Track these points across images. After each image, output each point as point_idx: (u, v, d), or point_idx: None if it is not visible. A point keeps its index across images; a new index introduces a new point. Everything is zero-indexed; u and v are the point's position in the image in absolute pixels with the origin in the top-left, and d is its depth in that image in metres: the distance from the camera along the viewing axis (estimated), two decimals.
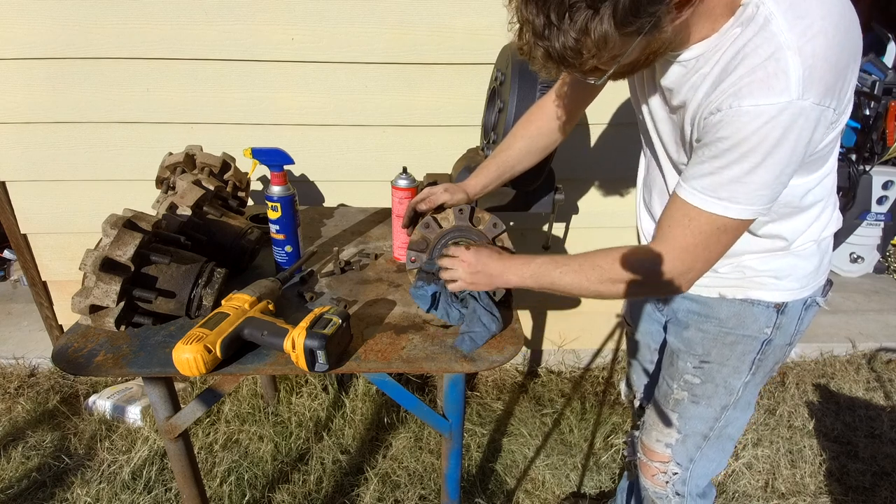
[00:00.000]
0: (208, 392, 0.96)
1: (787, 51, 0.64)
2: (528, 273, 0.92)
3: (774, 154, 0.67)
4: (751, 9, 0.68)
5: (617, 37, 0.63)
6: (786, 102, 0.64)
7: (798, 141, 0.67)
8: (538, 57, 0.68)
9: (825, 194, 0.87)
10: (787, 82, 0.64)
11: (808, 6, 0.66)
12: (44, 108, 1.64)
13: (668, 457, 1.09)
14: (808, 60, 0.64)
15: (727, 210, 0.73)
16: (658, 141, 0.91)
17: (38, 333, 2.19)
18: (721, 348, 0.98)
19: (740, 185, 0.71)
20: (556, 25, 0.63)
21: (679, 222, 0.78)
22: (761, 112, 0.65)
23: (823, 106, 0.66)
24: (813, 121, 0.66)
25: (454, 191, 1.11)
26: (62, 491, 1.59)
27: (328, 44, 1.59)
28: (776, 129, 0.66)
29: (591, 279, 0.86)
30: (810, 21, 0.65)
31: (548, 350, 2.27)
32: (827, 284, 0.99)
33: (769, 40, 0.66)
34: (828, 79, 0.65)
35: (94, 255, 0.90)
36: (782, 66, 0.64)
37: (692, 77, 0.76)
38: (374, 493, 1.62)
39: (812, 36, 0.64)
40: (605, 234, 2.00)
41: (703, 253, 0.78)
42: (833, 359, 2.38)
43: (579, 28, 0.62)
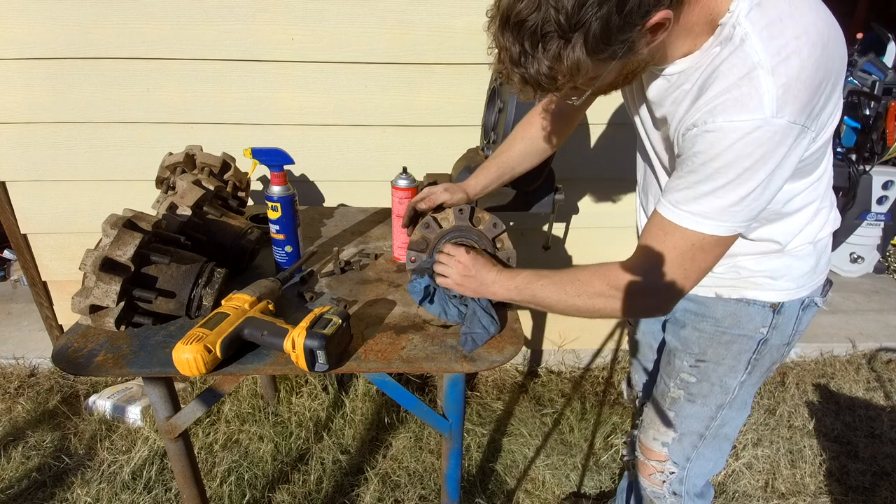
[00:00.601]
0: (208, 392, 0.96)
1: (760, 70, 0.65)
2: (513, 286, 0.93)
3: (751, 171, 0.68)
4: (728, 28, 0.69)
5: (590, 63, 0.66)
6: (760, 119, 0.65)
7: (772, 159, 0.68)
8: (515, 81, 0.71)
9: (816, 197, 0.87)
10: (761, 101, 0.65)
11: (783, 26, 0.66)
12: (44, 108, 1.64)
13: (664, 456, 1.09)
14: (781, 79, 0.65)
15: (700, 225, 0.73)
16: (651, 148, 0.93)
17: (38, 333, 2.19)
18: (717, 347, 0.98)
19: (714, 200, 0.71)
20: (530, 54, 0.66)
21: (655, 236, 0.78)
22: (735, 128, 0.66)
23: (799, 125, 0.67)
24: (790, 139, 0.67)
25: (454, 191, 1.12)
26: (62, 491, 1.59)
27: (328, 44, 1.59)
28: (750, 146, 0.67)
29: (569, 293, 0.86)
30: (784, 41, 0.65)
31: (548, 350, 2.27)
32: (826, 284, 0.98)
33: (744, 60, 0.66)
34: (803, 98, 0.66)
35: (94, 255, 0.90)
36: (755, 84, 0.65)
37: (674, 92, 0.77)
38: (374, 493, 1.62)
39: (787, 56, 0.65)
40: (605, 234, 2.01)
41: (679, 271, 0.77)
42: (833, 359, 2.38)
43: (552, 56, 0.65)
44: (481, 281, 0.96)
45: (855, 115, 2.75)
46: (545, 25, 0.63)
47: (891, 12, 4.54)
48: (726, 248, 0.77)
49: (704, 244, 0.75)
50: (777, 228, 0.88)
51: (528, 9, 0.63)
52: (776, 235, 0.88)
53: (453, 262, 0.98)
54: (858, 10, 4.71)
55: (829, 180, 0.90)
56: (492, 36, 0.70)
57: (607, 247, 2.03)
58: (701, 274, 0.78)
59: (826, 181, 0.88)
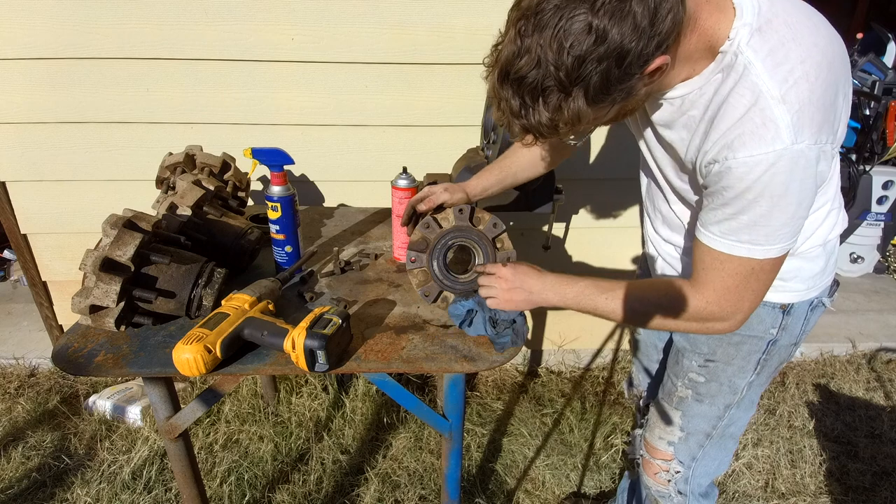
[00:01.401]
0: (208, 392, 0.96)
1: (769, 100, 0.65)
2: (570, 294, 0.90)
3: (785, 197, 0.68)
4: (729, 56, 0.69)
5: (590, 112, 0.66)
6: (781, 149, 0.65)
7: (804, 181, 0.68)
8: (516, 130, 0.72)
9: (826, 200, 0.87)
10: (777, 131, 0.65)
11: (786, 51, 0.66)
12: (44, 108, 1.64)
13: (670, 455, 1.09)
14: (793, 107, 0.65)
15: (752, 252, 0.74)
16: (656, 167, 0.93)
17: (38, 333, 2.19)
18: (726, 348, 0.98)
19: (759, 228, 0.72)
20: (531, 106, 0.66)
21: (711, 266, 0.78)
22: (759, 161, 0.66)
23: (820, 144, 0.67)
24: (813, 159, 0.67)
25: (454, 190, 1.12)
26: (62, 491, 1.59)
27: (328, 44, 1.59)
28: (778, 175, 0.67)
29: (637, 312, 0.85)
30: (790, 66, 0.65)
31: (548, 350, 2.27)
32: (833, 285, 0.98)
33: (751, 90, 0.66)
34: (818, 119, 0.66)
35: (94, 255, 0.90)
36: (768, 115, 0.65)
37: (682, 117, 0.77)
38: (374, 493, 1.62)
39: (794, 82, 0.65)
40: (605, 234, 2.01)
41: (747, 293, 0.78)
42: (833, 359, 2.38)
43: (553, 108, 0.65)
44: (529, 290, 0.93)
45: (855, 115, 2.75)
46: (545, 81, 0.63)
47: (891, 12, 4.54)
48: (782, 263, 0.78)
49: (761, 267, 0.75)
50: None
51: (528, 66, 0.63)
52: None
53: (494, 279, 0.96)
54: (858, 10, 4.70)
55: (838, 182, 0.90)
56: (490, 85, 0.70)
57: (607, 247, 2.03)
58: (767, 289, 0.80)
59: (835, 184, 0.88)
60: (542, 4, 0.60)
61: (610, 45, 0.60)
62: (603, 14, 0.58)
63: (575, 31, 0.59)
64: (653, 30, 0.60)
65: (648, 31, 0.60)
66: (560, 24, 0.60)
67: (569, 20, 0.59)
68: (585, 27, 0.59)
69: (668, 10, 0.61)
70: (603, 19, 0.59)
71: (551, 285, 0.92)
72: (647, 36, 0.60)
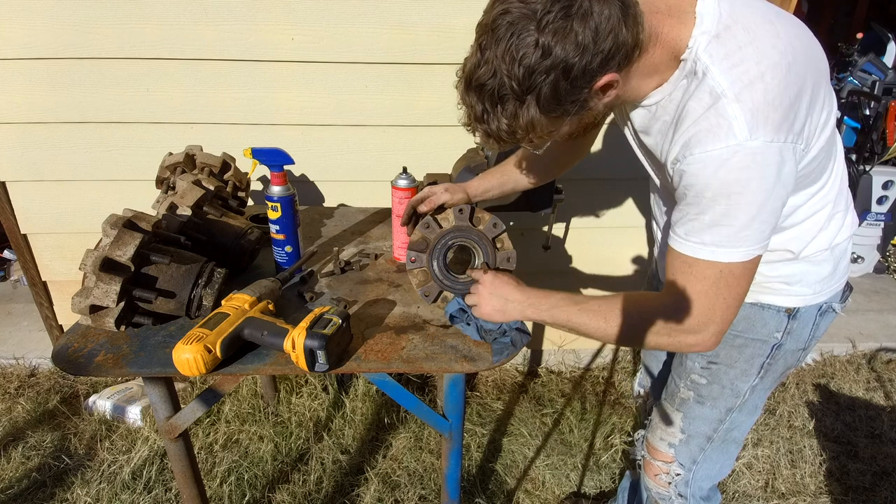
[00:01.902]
0: (208, 392, 0.96)
1: (724, 99, 0.68)
2: (545, 307, 0.90)
3: (743, 195, 0.70)
4: (690, 64, 0.72)
5: (544, 120, 0.72)
6: (735, 145, 0.67)
7: (763, 180, 0.69)
8: (479, 135, 0.78)
9: (825, 204, 0.86)
10: (730, 127, 0.67)
11: (742, 54, 0.69)
12: (44, 108, 1.64)
13: (670, 457, 1.09)
14: (747, 105, 0.67)
15: (716, 254, 0.74)
16: (650, 170, 0.94)
17: (38, 333, 2.19)
18: (730, 350, 0.97)
19: (720, 228, 0.73)
20: (490, 112, 0.73)
21: (679, 270, 0.78)
22: (713, 157, 0.69)
23: (778, 142, 0.68)
24: (775, 156, 0.68)
25: (454, 191, 1.12)
26: (62, 491, 1.59)
27: (328, 44, 1.59)
28: (733, 172, 0.69)
29: (610, 324, 0.84)
30: (745, 68, 0.68)
31: (548, 350, 2.27)
32: (846, 290, 0.97)
33: (709, 92, 0.70)
34: (774, 117, 0.67)
35: (94, 255, 0.90)
36: (722, 113, 0.68)
37: (656, 123, 0.81)
38: (374, 493, 1.62)
39: (749, 82, 0.67)
40: (605, 234, 2.01)
41: (718, 302, 0.77)
42: (833, 359, 2.38)
43: (510, 114, 0.72)
44: (506, 299, 0.93)
45: (855, 115, 2.75)
46: (501, 89, 0.70)
47: (891, 12, 4.54)
48: (754, 270, 0.77)
49: (733, 270, 0.75)
50: (787, 238, 0.87)
51: (486, 75, 0.70)
52: (788, 244, 0.87)
53: (476, 286, 0.98)
54: (858, 10, 4.71)
55: (841, 185, 0.89)
56: (459, 93, 0.77)
57: (607, 247, 2.03)
58: (739, 300, 0.78)
59: (836, 187, 0.87)
60: (497, 21, 0.67)
61: (555, 59, 0.66)
62: (548, 32, 0.65)
63: (524, 45, 0.66)
64: (595, 48, 0.66)
65: (591, 49, 0.66)
66: (512, 39, 0.66)
67: (519, 36, 0.66)
68: (533, 42, 0.65)
69: (609, 31, 0.66)
70: (547, 36, 0.65)
71: (529, 299, 0.92)
72: (590, 53, 0.66)
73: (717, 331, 0.79)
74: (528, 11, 0.65)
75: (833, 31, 4.85)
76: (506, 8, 0.66)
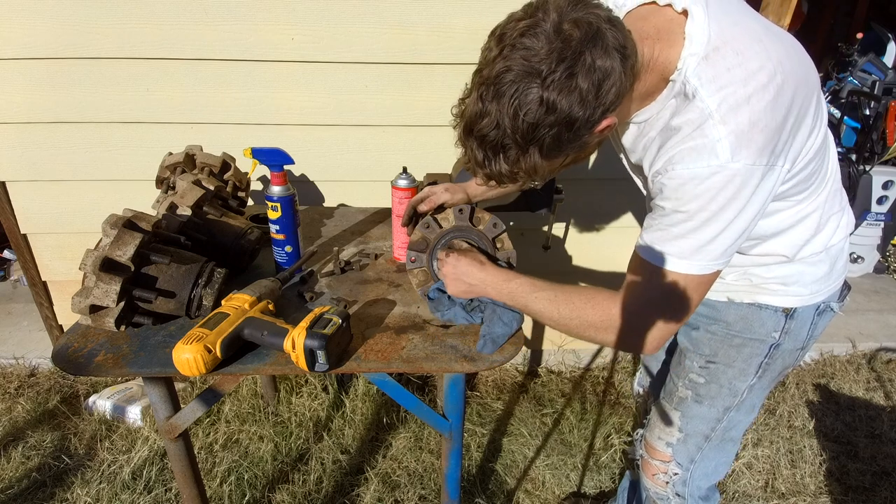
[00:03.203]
0: (208, 392, 0.96)
1: (710, 121, 0.69)
2: (505, 290, 0.94)
3: (718, 212, 0.71)
4: (679, 84, 0.73)
5: (545, 164, 0.74)
6: (717, 166, 0.69)
7: (738, 199, 0.70)
8: (480, 176, 0.80)
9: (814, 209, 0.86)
10: (714, 149, 0.69)
11: (730, 76, 0.69)
12: (44, 108, 1.64)
13: (668, 456, 1.09)
14: (731, 127, 0.68)
15: (675, 265, 0.76)
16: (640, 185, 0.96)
17: (38, 333, 2.19)
18: (728, 350, 0.98)
19: (684, 241, 0.74)
20: (492, 159, 0.74)
21: (638, 273, 0.80)
22: (694, 175, 0.70)
23: (760, 165, 0.69)
24: (754, 179, 0.70)
25: (455, 191, 1.12)
26: (62, 491, 1.59)
27: (328, 44, 1.59)
28: (711, 190, 0.70)
29: (563, 314, 0.87)
30: (732, 90, 0.69)
31: (548, 350, 2.27)
32: (844, 289, 0.98)
33: (696, 113, 0.71)
34: (759, 140, 0.68)
35: (94, 255, 0.90)
36: (707, 134, 0.69)
37: (643, 140, 0.82)
38: (374, 493, 1.62)
39: (735, 105, 0.68)
40: (605, 234, 2.01)
41: (666, 308, 0.79)
42: (833, 359, 2.38)
43: (512, 161, 0.73)
44: (469, 282, 0.97)
45: (855, 115, 2.75)
46: (504, 140, 0.71)
47: (891, 12, 4.54)
48: (708, 286, 0.79)
49: (688, 282, 0.77)
50: (779, 243, 0.88)
51: (488, 127, 0.70)
52: (780, 250, 0.88)
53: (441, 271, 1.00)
54: (858, 10, 4.71)
55: (834, 187, 0.89)
56: (458, 135, 0.78)
57: (607, 247, 2.03)
58: (688, 311, 0.80)
59: (827, 191, 0.87)
60: (500, 77, 0.67)
61: (559, 114, 0.67)
62: (553, 89, 0.65)
63: (528, 101, 0.66)
64: (597, 101, 0.67)
65: (594, 103, 0.67)
66: (516, 94, 0.67)
67: (523, 92, 0.66)
68: (537, 98, 0.66)
69: (612, 85, 0.67)
70: (552, 93, 0.65)
71: (491, 280, 0.95)
72: (592, 106, 0.67)
73: (659, 336, 0.81)
74: (532, 69, 0.65)
75: (833, 31, 4.85)
76: (508, 66, 0.66)
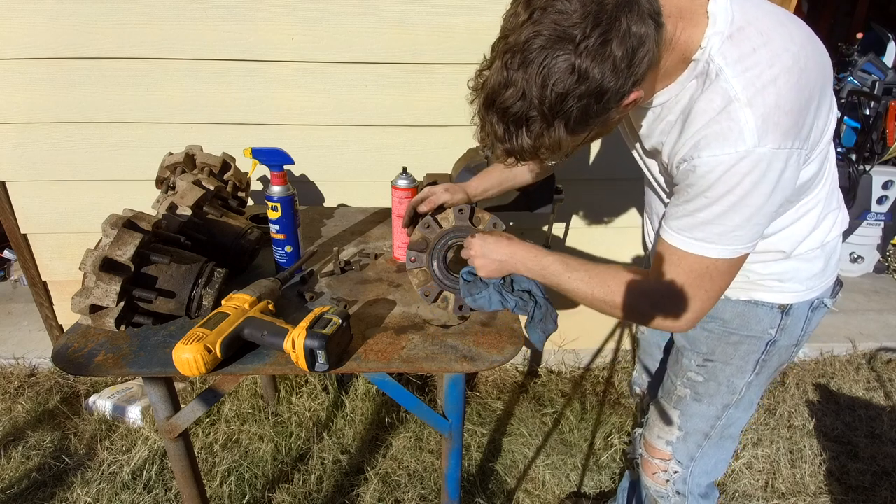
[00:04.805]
0: (208, 392, 0.96)
1: (736, 103, 0.67)
2: (536, 268, 0.93)
3: (745, 198, 0.70)
4: (702, 64, 0.71)
5: (569, 139, 0.70)
6: (744, 151, 0.67)
7: (764, 184, 0.69)
8: (498, 152, 0.76)
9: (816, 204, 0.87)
10: (741, 133, 0.67)
11: (756, 58, 0.68)
12: (44, 108, 1.64)
13: (668, 454, 1.09)
14: (759, 110, 0.66)
15: (704, 250, 0.75)
16: (650, 175, 0.95)
17: (38, 333, 2.19)
18: (725, 347, 0.98)
19: (713, 227, 0.74)
20: (514, 133, 0.70)
21: (668, 261, 0.80)
22: (720, 161, 0.69)
23: (785, 149, 0.68)
24: (779, 163, 0.69)
25: (454, 191, 1.12)
26: (62, 491, 1.59)
27: (328, 44, 1.59)
28: (737, 176, 0.69)
29: (597, 296, 0.86)
30: (759, 71, 0.67)
31: (548, 350, 2.27)
32: (836, 285, 0.98)
33: (721, 95, 0.69)
34: (784, 123, 0.67)
35: (94, 255, 0.90)
36: (734, 118, 0.67)
37: (660, 123, 0.80)
38: (374, 493, 1.62)
39: (762, 86, 0.67)
40: (605, 235, 2.01)
41: (699, 293, 0.79)
42: (833, 359, 2.38)
43: (535, 136, 0.70)
44: (498, 259, 0.95)
45: (855, 115, 2.75)
46: (529, 111, 0.67)
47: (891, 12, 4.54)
48: (740, 266, 0.79)
49: (718, 266, 0.76)
50: (779, 239, 0.88)
51: (513, 98, 0.66)
52: (780, 245, 0.88)
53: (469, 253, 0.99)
54: (858, 10, 4.71)
55: (833, 184, 0.90)
56: (476, 111, 0.74)
57: (607, 247, 2.03)
58: (720, 292, 0.80)
59: (827, 187, 0.88)
60: (529, 42, 0.63)
61: (591, 84, 0.64)
62: (586, 56, 0.62)
63: (558, 69, 0.63)
64: (630, 71, 0.64)
65: (626, 73, 0.64)
66: (545, 62, 0.63)
67: (553, 59, 0.63)
68: (569, 67, 0.63)
69: (645, 54, 0.65)
70: (585, 61, 0.62)
71: (521, 255, 0.94)
72: (624, 76, 0.64)
73: (693, 318, 0.81)
74: (564, 34, 0.62)
75: (833, 31, 4.85)
76: (538, 31, 0.63)
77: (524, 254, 0.94)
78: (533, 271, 0.93)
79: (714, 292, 0.79)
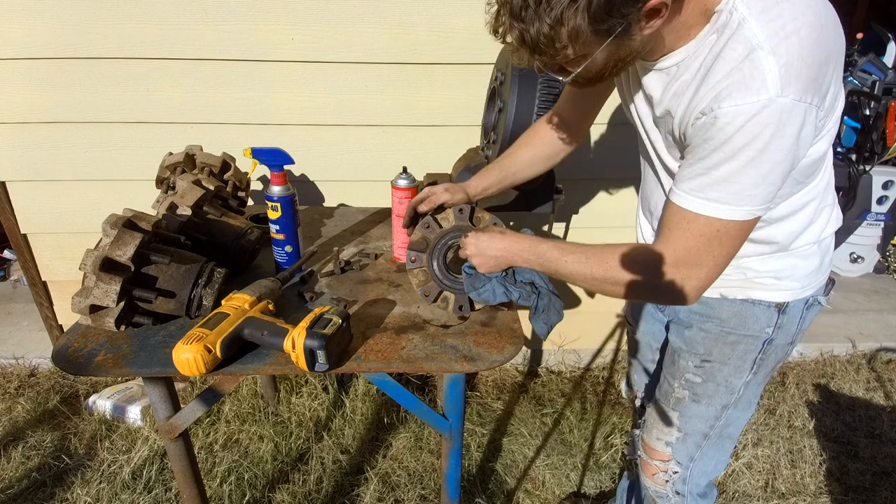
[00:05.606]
0: (208, 392, 0.96)
1: (759, 51, 0.66)
2: (533, 256, 0.92)
3: (763, 152, 0.68)
4: (724, 15, 0.70)
5: (589, 32, 0.66)
6: (766, 100, 0.66)
7: (784, 138, 0.68)
8: (513, 39, 0.70)
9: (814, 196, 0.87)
10: (764, 81, 0.66)
11: (780, 9, 0.68)
12: (44, 108, 1.64)
13: (668, 455, 1.09)
14: (782, 59, 0.65)
15: (717, 211, 0.73)
16: (651, 148, 0.92)
17: (38, 333, 2.19)
18: (722, 347, 0.98)
19: (728, 185, 0.71)
20: (533, 9, 0.65)
21: (677, 225, 0.78)
22: (741, 111, 0.67)
23: (805, 102, 0.67)
24: (797, 117, 0.67)
25: (454, 191, 1.12)
26: (62, 491, 1.59)
27: (328, 44, 1.59)
28: (758, 127, 0.67)
29: (596, 275, 0.85)
30: (783, 22, 0.67)
31: (548, 350, 2.27)
32: (829, 283, 0.99)
33: (743, 43, 0.68)
34: (806, 75, 0.66)
35: (94, 255, 0.90)
36: (757, 65, 0.66)
37: (674, 84, 0.78)
38: (374, 493, 1.62)
39: (785, 36, 0.66)
40: (605, 235, 2.01)
41: (707, 257, 0.77)
42: (833, 359, 2.38)
43: (555, 16, 0.65)
44: (493, 255, 0.95)
45: (855, 115, 2.75)
46: None
47: (891, 12, 4.54)
48: (749, 232, 0.77)
49: (726, 229, 0.74)
50: (778, 230, 0.88)
51: None
52: (778, 237, 0.88)
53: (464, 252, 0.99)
54: (858, 10, 4.70)
55: (830, 179, 0.90)
56: None
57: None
58: (729, 259, 0.78)
59: (825, 180, 0.88)
60: None
61: None
62: None
63: None
64: None
65: None
66: None
67: None
68: None
69: None
70: None
71: (516, 247, 0.94)
72: None
73: (700, 288, 0.79)
74: None
75: None
76: None
77: (519, 246, 0.94)
78: (530, 262, 0.93)
79: (722, 258, 0.77)
